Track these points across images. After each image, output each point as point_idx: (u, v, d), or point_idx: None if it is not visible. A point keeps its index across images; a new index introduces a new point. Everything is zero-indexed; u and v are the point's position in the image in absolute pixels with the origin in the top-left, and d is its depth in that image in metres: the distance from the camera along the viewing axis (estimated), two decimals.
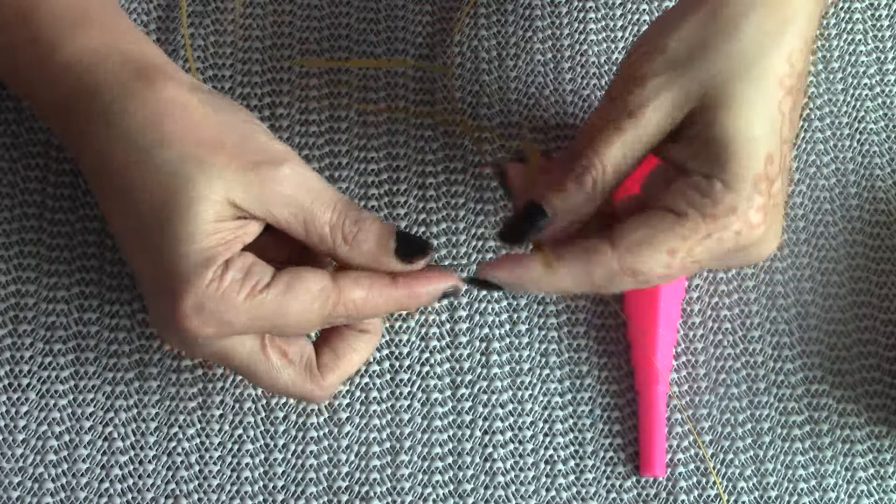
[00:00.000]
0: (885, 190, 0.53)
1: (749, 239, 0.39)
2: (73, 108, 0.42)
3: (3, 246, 0.50)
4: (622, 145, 0.40)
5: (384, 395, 0.50)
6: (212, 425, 0.49)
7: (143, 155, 0.40)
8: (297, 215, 0.41)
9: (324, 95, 0.53)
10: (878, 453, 0.50)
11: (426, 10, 0.55)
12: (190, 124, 0.40)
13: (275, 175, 0.40)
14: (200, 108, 0.41)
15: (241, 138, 0.41)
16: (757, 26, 0.38)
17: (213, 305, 0.39)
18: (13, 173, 0.51)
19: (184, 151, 0.40)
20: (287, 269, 0.41)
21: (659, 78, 0.39)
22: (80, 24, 0.43)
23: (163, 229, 0.40)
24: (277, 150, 0.41)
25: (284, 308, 0.40)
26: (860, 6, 0.56)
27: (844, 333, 0.52)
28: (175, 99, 0.41)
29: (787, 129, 0.39)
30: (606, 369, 0.51)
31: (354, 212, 0.42)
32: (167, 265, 0.40)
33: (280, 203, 0.40)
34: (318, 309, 0.41)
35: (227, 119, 0.42)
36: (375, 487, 0.49)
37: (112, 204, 0.42)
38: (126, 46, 0.43)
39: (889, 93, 0.55)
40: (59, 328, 0.49)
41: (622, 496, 0.49)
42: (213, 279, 0.39)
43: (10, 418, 0.48)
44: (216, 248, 0.39)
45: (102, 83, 0.41)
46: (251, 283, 0.40)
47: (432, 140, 0.53)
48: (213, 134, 0.40)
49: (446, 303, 0.51)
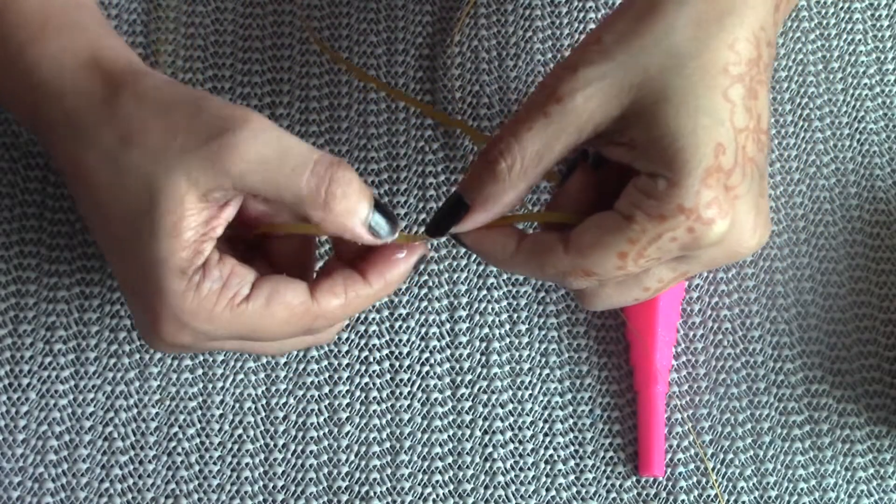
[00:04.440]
0: (885, 190, 0.53)
1: (708, 236, 0.37)
2: (40, 113, 0.42)
3: (3, 246, 0.50)
4: (545, 132, 0.38)
5: (384, 395, 0.50)
6: (212, 425, 0.49)
7: (106, 157, 0.39)
8: (267, 182, 0.38)
9: (324, 95, 0.53)
10: (878, 453, 0.50)
11: (426, 10, 0.55)
12: (146, 115, 0.39)
13: (233, 143, 0.38)
14: (155, 92, 0.40)
15: (196, 111, 0.39)
16: (691, 18, 0.37)
17: (188, 317, 0.38)
18: (13, 173, 0.51)
19: (143, 147, 0.38)
20: (267, 280, 0.40)
21: (591, 67, 0.37)
22: (45, 27, 0.42)
23: (134, 235, 0.38)
24: (234, 115, 0.38)
25: (263, 323, 0.39)
26: (860, 6, 0.56)
27: (844, 333, 0.52)
28: (132, 94, 0.40)
29: (741, 117, 0.37)
30: (606, 369, 0.51)
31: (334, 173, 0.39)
32: (141, 271, 0.39)
33: (245, 172, 0.38)
34: (297, 323, 0.40)
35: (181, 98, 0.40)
36: (375, 487, 0.49)
37: (86, 207, 0.41)
38: (89, 49, 0.42)
39: (889, 93, 0.55)
40: (60, 328, 0.49)
41: (622, 496, 0.49)
42: (187, 289, 0.38)
43: (11, 418, 0.48)
44: (188, 252, 0.38)
45: (64, 89, 0.41)
46: (229, 294, 0.39)
47: (432, 140, 0.53)
48: (168, 118, 0.39)
49: (446, 303, 0.51)
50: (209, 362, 0.50)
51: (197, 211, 0.38)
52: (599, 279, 0.39)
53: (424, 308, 0.51)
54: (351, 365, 0.50)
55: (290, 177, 0.38)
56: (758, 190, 0.38)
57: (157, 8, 0.54)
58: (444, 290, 0.51)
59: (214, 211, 0.39)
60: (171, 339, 0.39)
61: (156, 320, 0.39)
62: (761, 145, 0.38)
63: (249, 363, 0.50)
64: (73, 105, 0.40)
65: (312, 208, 0.39)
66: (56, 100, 0.41)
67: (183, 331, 0.39)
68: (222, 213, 0.39)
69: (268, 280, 0.40)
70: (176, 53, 0.53)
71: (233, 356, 0.50)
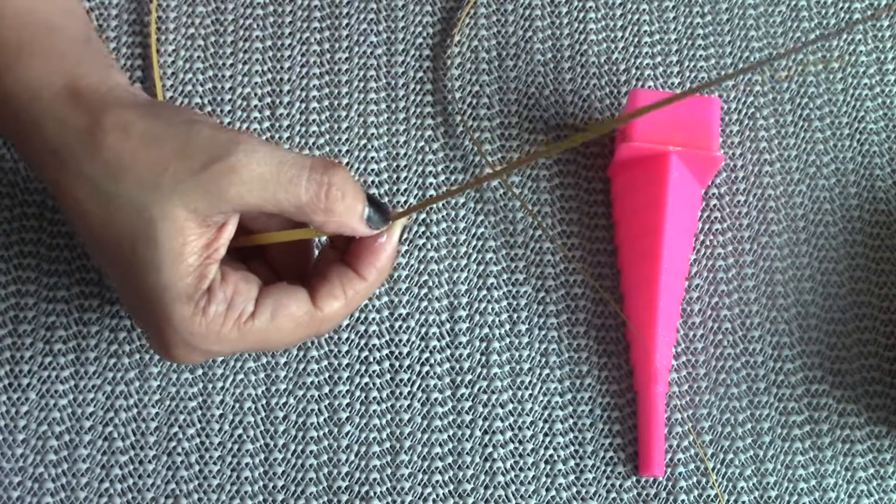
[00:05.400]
0: (885, 190, 0.53)
1: None
2: (21, 139, 0.41)
3: (3, 246, 0.50)
4: None
5: (384, 395, 0.50)
6: (212, 425, 0.49)
7: (94, 188, 0.38)
8: (266, 198, 0.38)
9: (324, 95, 0.53)
10: (878, 453, 0.50)
11: (426, 11, 0.55)
12: (133, 147, 0.38)
13: (229, 167, 0.38)
14: (141, 123, 0.39)
15: (186, 139, 0.38)
16: None
17: (196, 340, 0.39)
18: (13, 173, 0.51)
19: (133, 179, 0.38)
20: (269, 293, 0.40)
21: None
22: (21, 53, 0.41)
23: (133, 264, 0.38)
24: (225, 140, 0.38)
25: (270, 336, 0.40)
26: (860, 6, 0.56)
27: (844, 333, 0.52)
28: (115, 125, 0.39)
29: None
30: (606, 369, 0.51)
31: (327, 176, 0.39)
32: (146, 299, 0.39)
33: (244, 193, 0.38)
34: (303, 332, 0.41)
35: (168, 125, 0.39)
36: (375, 487, 0.49)
37: (79, 231, 0.41)
38: (65, 77, 0.40)
39: (889, 93, 0.55)
40: (60, 328, 0.49)
41: (622, 496, 0.49)
42: (195, 314, 0.38)
43: (11, 418, 0.48)
44: (193, 278, 0.38)
45: (43, 118, 0.40)
46: (235, 314, 0.39)
47: (432, 140, 0.53)
48: (157, 149, 0.38)
49: (446, 303, 0.51)
50: (209, 362, 0.50)
51: (197, 236, 0.38)
52: None
53: (424, 308, 0.51)
54: (351, 365, 0.50)
55: (289, 188, 0.39)
56: None
57: (157, 8, 0.54)
58: (444, 290, 0.51)
59: (214, 234, 0.39)
60: (181, 360, 0.40)
61: (166, 345, 0.40)
62: None
63: (249, 363, 0.50)
64: (53, 135, 0.39)
65: (314, 213, 0.39)
66: (36, 128, 0.40)
67: (193, 353, 0.40)
68: (222, 234, 0.39)
69: (270, 293, 0.40)
70: (176, 53, 0.53)
71: (233, 356, 0.50)
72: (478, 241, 0.52)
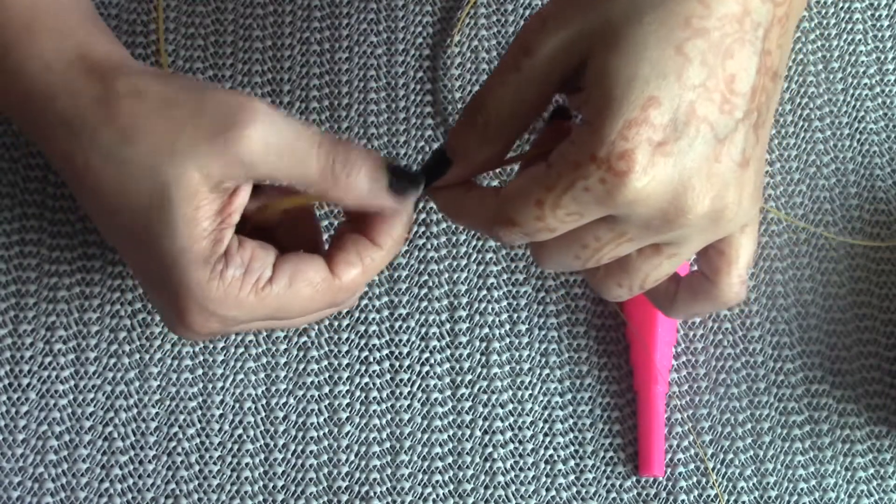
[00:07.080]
0: (885, 190, 0.53)
1: (622, 190, 0.34)
2: (33, 115, 0.41)
3: (3, 246, 0.50)
4: (516, 84, 0.37)
5: (384, 395, 0.50)
6: (212, 425, 0.49)
7: (108, 155, 0.39)
8: (280, 168, 0.39)
9: (324, 95, 0.53)
10: (878, 453, 0.50)
11: (426, 11, 0.55)
12: (148, 111, 0.39)
13: (244, 134, 0.38)
14: (155, 88, 0.39)
15: (201, 104, 0.38)
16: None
17: (215, 305, 0.39)
18: (13, 173, 0.51)
19: (148, 143, 0.38)
20: (287, 260, 0.40)
21: (556, 17, 0.36)
22: (30, 27, 0.41)
23: (148, 230, 0.38)
24: (241, 105, 0.38)
25: (289, 303, 0.40)
26: (860, 6, 0.56)
27: (844, 333, 0.52)
28: (129, 91, 0.39)
29: (695, 73, 0.34)
30: (606, 369, 0.51)
31: (342, 152, 0.40)
32: (162, 265, 0.39)
33: (258, 161, 0.38)
34: (321, 299, 0.41)
35: (182, 90, 0.39)
36: (375, 487, 0.49)
37: (90, 204, 0.41)
38: (77, 48, 0.41)
39: (889, 93, 0.55)
40: (60, 328, 0.50)
41: (622, 496, 0.49)
42: (212, 278, 0.39)
43: (11, 418, 0.48)
44: (208, 241, 0.38)
45: (56, 90, 0.40)
46: (252, 279, 0.39)
47: (432, 140, 0.53)
48: (172, 113, 0.38)
49: (446, 303, 0.51)
50: (209, 362, 0.50)
51: (209, 201, 0.38)
52: (523, 232, 0.37)
53: (424, 308, 0.51)
54: (351, 365, 0.50)
55: (303, 160, 0.39)
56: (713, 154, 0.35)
57: (156, 8, 0.54)
58: (444, 290, 0.51)
59: (227, 199, 0.39)
60: (199, 328, 0.40)
61: (183, 312, 0.39)
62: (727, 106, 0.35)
63: (249, 363, 0.50)
64: (66, 106, 0.40)
65: (327, 187, 0.39)
66: (48, 101, 0.40)
67: (211, 319, 0.40)
68: (234, 200, 0.39)
69: (288, 259, 0.40)
70: (176, 53, 0.53)
71: (233, 356, 0.50)
72: (478, 241, 0.52)
